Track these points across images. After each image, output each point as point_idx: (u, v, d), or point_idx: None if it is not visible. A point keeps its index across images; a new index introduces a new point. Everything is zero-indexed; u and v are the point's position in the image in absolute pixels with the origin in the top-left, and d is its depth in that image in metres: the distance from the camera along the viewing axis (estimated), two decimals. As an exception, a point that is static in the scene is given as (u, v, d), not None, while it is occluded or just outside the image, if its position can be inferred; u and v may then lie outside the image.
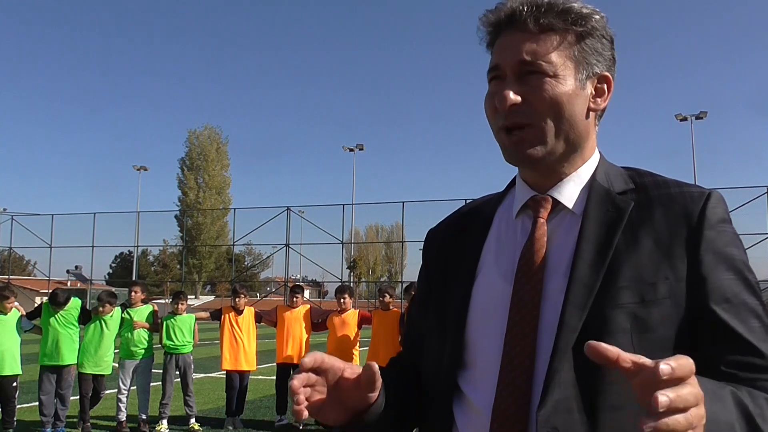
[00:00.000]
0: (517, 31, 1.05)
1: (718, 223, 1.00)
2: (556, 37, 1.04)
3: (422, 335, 1.19)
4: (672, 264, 0.97)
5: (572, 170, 1.08)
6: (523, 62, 1.03)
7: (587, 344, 0.73)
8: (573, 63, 1.04)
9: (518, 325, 1.00)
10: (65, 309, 7.26)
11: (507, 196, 1.18)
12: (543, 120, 1.02)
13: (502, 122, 1.04)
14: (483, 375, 1.03)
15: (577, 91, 1.04)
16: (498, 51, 1.07)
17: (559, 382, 0.94)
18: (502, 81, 1.05)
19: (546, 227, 1.06)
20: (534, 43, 1.03)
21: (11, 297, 7.06)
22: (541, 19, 1.03)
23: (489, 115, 1.08)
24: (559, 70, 1.02)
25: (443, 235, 1.24)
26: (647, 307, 0.95)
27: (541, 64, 1.02)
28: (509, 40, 1.05)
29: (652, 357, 0.90)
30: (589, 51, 1.06)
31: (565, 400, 0.93)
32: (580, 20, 1.04)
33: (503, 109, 1.02)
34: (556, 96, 1.02)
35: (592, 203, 1.05)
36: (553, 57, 1.02)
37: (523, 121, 1.02)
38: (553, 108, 1.02)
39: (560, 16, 1.04)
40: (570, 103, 1.03)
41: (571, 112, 1.03)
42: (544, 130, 1.03)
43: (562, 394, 0.93)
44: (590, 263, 0.98)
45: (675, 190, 1.04)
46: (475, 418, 1.02)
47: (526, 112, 1.02)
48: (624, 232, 1.00)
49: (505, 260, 1.08)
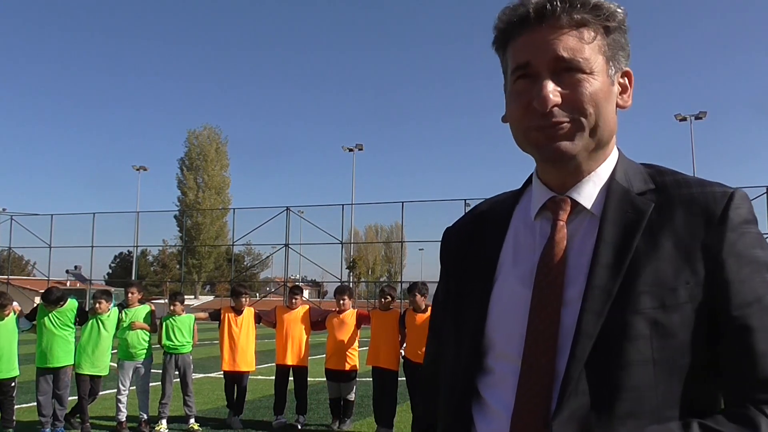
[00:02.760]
0: (548, 26, 0.99)
1: (741, 225, 0.96)
2: (590, 33, 1.00)
3: (441, 338, 1.18)
4: (693, 268, 0.94)
5: (593, 169, 1.05)
6: (560, 59, 0.98)
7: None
8: (604, 59, 1.01)
9: (538, 331, 0.98)
10: (61, 310, 7.23)
11: (524, 196, 1.15)
12: (581, 118, 0.99)
13: (538, 122, 0.99)
14: (502, 380, 1.02)
15: (609, 87, 1.02)
16: (527, 48, 1.01)
17: (575, 390, 0.92)
18: (534, 79, 1.00)
19: (565, 230, 1.03)
20: (569, 39, 0.99)
21: (8, 305, 7.04)
22: (574, 14, 0.99)
23: (516, 115, 1.03)
24: (594, 67, 0.99)
25: (459, 235, 1.22)
26: (668, 312, 0.92)
27: (578, 61, 0.98)
28: (540, 36, 0.99)
29: (672, 363, 0.93)
30: (616, 46, 1.03)
31: (582, 408, 0.92)
32: (610, 16, 1.01)
33: (544, 110, 0.97)
34: (594, 93, 0.99)
35: (611, 205, 1.01)
36: (587, 53, 0.99)
37: (563, 120, 0.98)
38: (591, 106, 0.99)
39: (593, 12, 1.00)
40: (605, 100, 1.01)
41: (606, 110, 1.01)
42: (582, 128, 0.99)
43: (578, 402, 0.92)
44: (608, 268, 0.96)
45: (697, 190, 1.00)
46: (495, 421, 1.01)
47: (565, 110, 0.98)
48: (643, 235, 0.97)
49: (523, 264, 1.06)
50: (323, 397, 8.70)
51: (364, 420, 8.26)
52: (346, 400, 7.87)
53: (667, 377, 0.92)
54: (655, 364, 0.92)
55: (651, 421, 0.91)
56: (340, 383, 7.81)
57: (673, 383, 0.92)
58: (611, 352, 0.92)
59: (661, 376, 0.92)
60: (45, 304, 7.25)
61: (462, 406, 1.06)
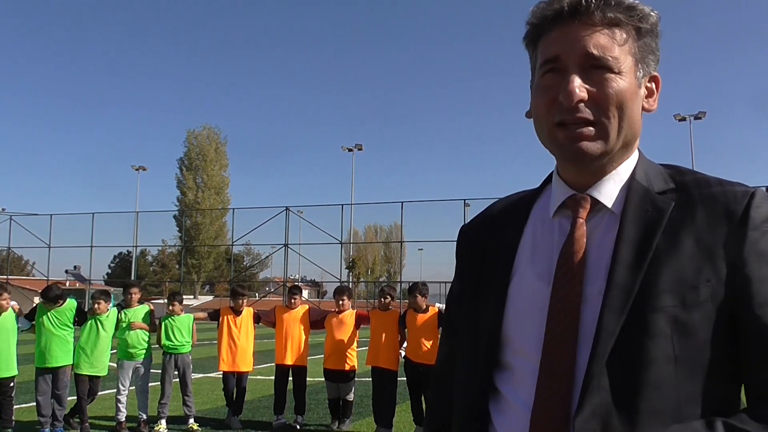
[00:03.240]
0: (581, 22, 0.99)
1: (762, 224, 0.96)
2: (622, 33, 1.00)
3: (456, 334, 1.18)
4: (714, 266, 0.94)
5: (613, 168, 1.05)
6: (589, 56, 0.98)
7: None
8: (633, 60, 1.01)
9: (558, 328, 0.98)
10: (59, 309, 7.22)
11: (543, 194, 1.15)
12: (607, 117, 0.99)
13: (562, 117, 0.99)
14: (521, 376, 1.02)
15: (636, 89, 1.02)
16: (558, 42, 1.01)
17: (597, 387, 0.92)
18: (562, 74, 1.00)
19: (585, 227, 1.03)
20: (601, 37, 0.99)
21: (4, 293, 7.01)
22: (608, 13, 0.99)
23: (541, 109, 1.03)
24: (623, 67, 0.99)
25: (476, 232, 1.21)
26: (688, 310, 0.92)
27: (608, 59, 0.98)
28: (572, 31, 1.00)
29: (693, 361, 0.93)
30: (647, 49, 1.03)
31: (604, 405, 0.92)
32: (643, 18, 1.01)
33: (569, 104, 0.97)
34: (621, 93, 0.99)
35: (632, 203, 1.01)
36: (617, 53, 0.99)
37: (587, 117, 0.98)
38: (618, 106, 0.98)
39: (626, 12, 1.00)
40: (632, 101, 1.00)
41: (632, 111, 1.01)
42: (607, 128, 0.99)
43: (600, 399, 0.92)
44: (629, 266, 0.96)
45: (717, 188, 1.00)
46: (514, 418, 1.01)
47: (590, 108, 0.98)
48: (664, 233, 0.97)
49: (542, 261, 1.05)
50: (322, 397, 8.70)
51: (363, 420, 8.25)
52: (345, 401, 7.87)
53: (688, 375, 0.92)
54: (676, 361, 0.92)
55: (672, 418, 0.91)
56: (339, 383, 7.80)
57: (694, 381, 0.92)
58: (632, 350, 0.92)
59: (682, 373, 0.92)
60: (44, 302, 7.23)
61: (479, 401, 1.06)
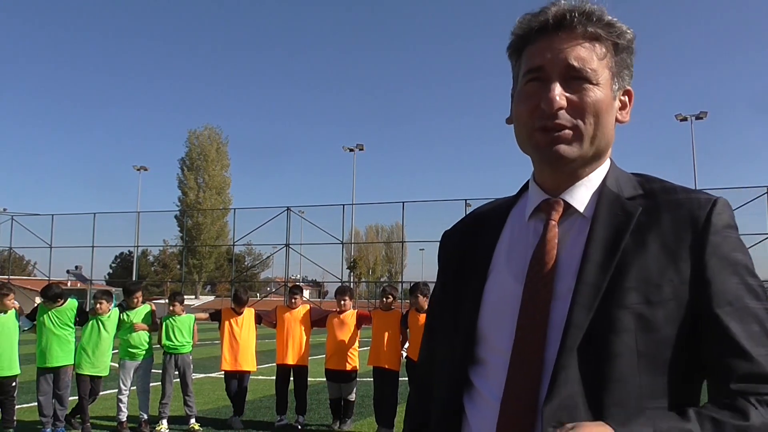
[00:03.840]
0: (563, 35, 1.06)
1: (723, 229, 1.02)
2: (601, 47, 1.07)
3: (436, 334, 1.22)
4: (677, 267, 1.00)
5: (586, 174, 1.11)
6: (570, 67, 1.05)
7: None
8: (610, 74, 1.08)
9: (528, 323, 1.03)
10: (60, 309, 7.22)
11: (520, 200, 1.21)
12: (584, 125, 1.05)
13: (542, 123, 1.05)
14: (494, 369, 1.06)
15: (611, 101, 1.08)
16: (542, 52, 1.07)
17: (565, 379, 0.97)
18: (544, 83, 1.06)
19: (557, 229, 1.09)
20: (582, 50, 1.05)
21: (11, 294, 7.03)
22: (589, 27, 1.06)
23: (523, 115, 1.09)
24: (601, 79, 1.06)
25: (457, 236, 1.27)
26: (652, 307, 0.98)
27: (587, 71, 1.05)
28: (556, 43, 1.06)
29: (655, 356, 0.98)
30: (623, 65, 1.10)
31: (572, 397, 0.96)
32: (621, 35, 1.08)
33: (551, 110, 1.04)
34: (598, 103, 1.05)
35: (602, 207, 1.07)
36: (596, 65, 1.05)
37: (565, 123, 1.04)
38: (594, 114, 1.05)
39: (606, 28, 1.07)
40: (607, 112, 1.07)
41: (606, 121, 1.07)
42: (583, 134, 1.05)
43: (568, 391, 0.96)
44: (598, 265, 1.01)
45: (682, 195, 1.06)
46: (485, 409, 1.05)
47: (569, 115, 1.05)
48: (632, 236, 1.02)
49: (517, 261, 1.11)
50: (324, 397, 8.70)
51: (364, 420, 8.26)
52: (346, 401, 7.87)
53: (650, 369, 0.97)
54: (639, 356, 0.97)
55: (636, 410, 0.95)
56: (340, 383, 7.81)
57: (656, 376, 0.97)
58: (599, 344, 0.97)
59: (645, 368, 0.97)
60: (44, 301, 7.24)
61: (454, 395, 1.11)
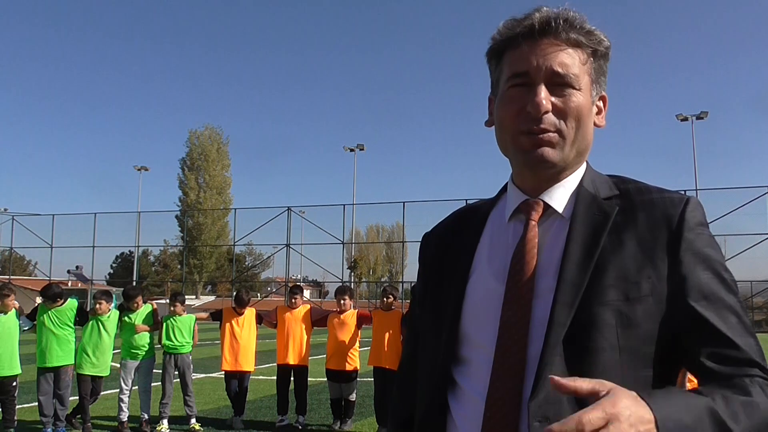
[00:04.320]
0: (547, 41, 1.08)
1: (696, 226, 1.06)
2: (582, 54, 1.10)
3: (419, 334, 1.24)
4: (654, 264, 1.03)
5: (564, 176, 1.14)
6: (555, 73, 1.07)
7: (550, 377, 0.84)
8: (589, 80, 1.11)
9: (511, 321, 1.05)
10: (60, 309, 7.23)
11: (499, 201, 1.23)
12: (567, 128, 1.08)
13: (527, 126, 1.07)
14: (477, 367, 1.08)
15: (590, 106, 1.12)
16: (527, 57, 1.09)
17: (550, 374, 0.96)
18: (529, 88, 1.08)
19: (537, 230, 1.11)
20: (565, 56, 1.08)
21: (11, 295, 7.04)
22: (572, 34, 1.09)
23: (506, 119, 1.11)
24: (582, 84, 1.09)
25: (438, 238, 1.29)
26: (631, 304, 1.01)
27: (570, 77, 1.08)
28: (540, 48, 1.08)
29: (636, 350, 1.02)
30: (600, 71, 1.14)
31: (556, 391, 0.95)
32: (599, 42, 1.11)
33: (537, 114, 1.06)
34: (579, 108, 1.08)
35: (580, 207, 1.10)
36: (578, 71, 1.09)
37: (549, 128, 1.07)
38: (576, 118, 1.08)
39: (587, 35, 1.10)
40: (587, 116, 1.10)
41: (586, 125, 1.11)
42: (566, 138, 1.08)
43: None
44: (578, 263, 1.04)
45: (656, 195, 1.10)
46: (470, 406, 1.07)
47: (553, 120, 1.07)
48: (609, 235, 1.06)
49: (498, 261, 1.13)
50: (324, 397, 8.71)
51: (365, 420, 8.26)
52: (347, 401, 7.88)
53: (631, 364, 1.00)
54: (620, 351, 1.00)
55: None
56: (341, 383, 7.82)
57: (637, 369, 1.00)
58: (582, 340, 1.00)
59: (626, 362, 1.00)
60: (43, 300, 7.24)
61: (438, 393, 1.12)
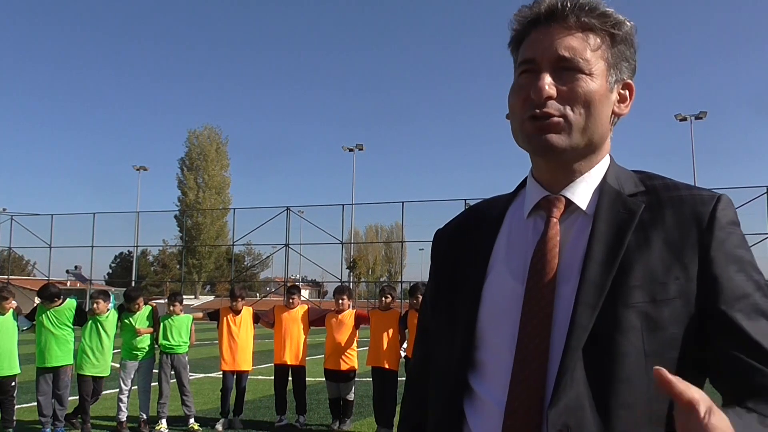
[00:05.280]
0: (556, 26, 1.04)
1: (728, 225, 1.00)
2: (595, 38, 1.05)
3: (431, 337, 1.19)
4: (683, 264, 0.97)
5: (585, 171, 1.08)
6: (561, 58, 1.03)
7: (655, 368, 0.76)
8: (605, 65, 1.05)
9: (531, 324, 1.00)
10: (59, 309, 7.22)
11: (518, 197, 1.17)
12: (572, 114, 1.03)
13: (531, 112, 1.03)
14: (495, 373, 1.03)
15: (606, 92, 1.05)
16: (533, 44, 1.06)
17: (570, 381, 0.94)
18: (536, 74, 1.04)
19: (559, 227, 1.06)
20: (574, 40, 1.03)
21: (10, 297, 7.03)
22: (582, 17, 1.04)
23: (515, 107, 1.07)
24: (594, 69, 1.03)
25: (451, 235, 1.23)
26: (658, 306, 0.95)
27: (578, 61, 1.03)
28: (547, 35, 1.04)
29: (662, 355, 0.96)
30: (620, 56, 1.07)
31: (577, 399, 0.93)
32: (616, 25, 1.06)
33: (539, 99, 1.02)
34: (589, 93, 1.03)
35: (604, 204, 1.05)
36: (589, 56, 1.03)
37: (553, 112, 1.02)
38: (584, 105, 1.03)
39: (600, 18, 1.05)
40: (600, 102, 1.04)
41: (599, 112, 1.04)
42: (572, 124, 1.03)
43: (573, 393, 0.93)
44: (601, 263, 0.99)
45: (685, 192, 1.04)
46: (488, 415, 1.02)
47: (557, 105, 1.02)
48: (635, 233, 1.00)
49: (516, 259, 1.08)
50: (323, 397, 8.70)
51: (364, 420, 8.26)
52: (345, 401, 7.87)
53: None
54: (646, 356, 0.94)
55: (643, 412, 0.93)
56: (339, 383, 7.81)
57: None
58: (605, 344, 0.95)
59: (652, 368, 0.93)
60: (41, 300, 7.23)
61: (453, 400, 1.07)
